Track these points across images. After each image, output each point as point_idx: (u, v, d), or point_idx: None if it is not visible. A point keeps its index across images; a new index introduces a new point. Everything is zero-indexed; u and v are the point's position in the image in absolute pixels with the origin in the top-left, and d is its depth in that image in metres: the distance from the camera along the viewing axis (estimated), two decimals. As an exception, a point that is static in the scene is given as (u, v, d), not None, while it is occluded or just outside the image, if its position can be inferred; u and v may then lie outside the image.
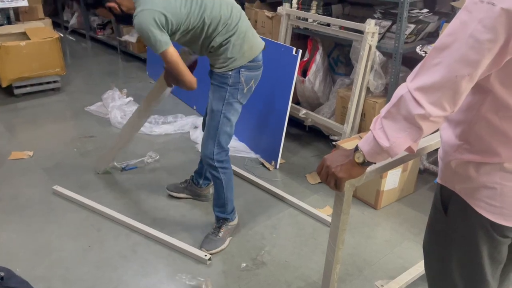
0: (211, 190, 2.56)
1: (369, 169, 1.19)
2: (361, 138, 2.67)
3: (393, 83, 2.70)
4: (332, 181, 1.12)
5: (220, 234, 2.22)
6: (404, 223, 2.41)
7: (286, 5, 3.12)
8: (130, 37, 5.24)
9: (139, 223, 2.35)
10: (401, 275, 1.86)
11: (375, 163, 1.09)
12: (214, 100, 2.04)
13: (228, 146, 2.14)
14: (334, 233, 1.28)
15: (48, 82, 4.28)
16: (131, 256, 2.15)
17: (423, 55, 2.48)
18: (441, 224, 1.17)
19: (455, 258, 1.16)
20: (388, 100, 2.76)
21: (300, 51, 2.74)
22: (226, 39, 1.94)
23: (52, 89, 4.32)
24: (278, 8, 3.16)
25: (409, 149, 1.04)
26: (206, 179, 2.55)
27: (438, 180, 1.18)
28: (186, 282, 1.98)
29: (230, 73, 1.97)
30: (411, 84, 0.95)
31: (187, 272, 2.05)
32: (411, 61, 2.89)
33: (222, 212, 2.23)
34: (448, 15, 2.93)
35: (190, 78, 1.96)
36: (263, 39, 3.04)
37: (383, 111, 1.02)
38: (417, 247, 2.22)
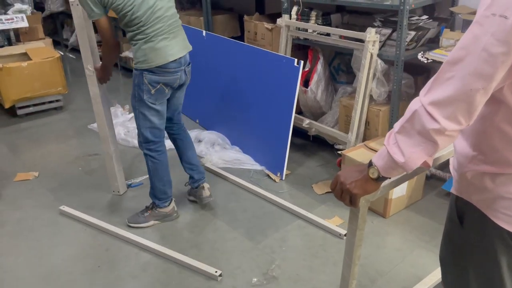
0: (203, 192, 2.59)
1: (383, 183, 1.18)
2: (366, 146, 2.69)
3: (395, 90, 2.70)
4: (347, 197, 1.11)
5: (146, 214, 2.48)
6: (413, 231, 2.39)
7: (285, 17, 3.13)
8: (130, 53, 5.26)
9: (148, 241, 2.34)
10: (416, 286, 1.84)
11: (389, 178, 1.08)
12: (131, 95, 2.27)
13: (157, 137, 2.32)
14: (350, 249, 1.27)
15: (50, 102, 4.29)
16: (142, 276, 2.14)
17: (425, 61, 2.49)
18: (457, 236, 1.16)
19: (472, 270, 1.15)
20: (392, 108, 2.76)
21: (302, 62, 2.74)
22: (136, 40, 2.13)
23: (55, 108, 4.33)
24: (278, 19, 3.17)
25: (424, 163, 1.03)
26: (190, 178, 2.61)
27: (453, 191, 1.17)
28: (198, 300, 1.97)
29: (137, 72, 2.17)
30: (425, 98, 0.95)
31: (198, 289, 2.04)
32: (412, 67, 2.89)
33: (153, 195, 2.47)
34: (447, 20, 2.94)
35: (112, 41, 2.19)
36: (258, 50, 3.08)
37: (397, 126, 1.01)
38: (428, 255, 2.20)
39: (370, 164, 1.07)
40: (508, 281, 1.11)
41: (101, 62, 2.46)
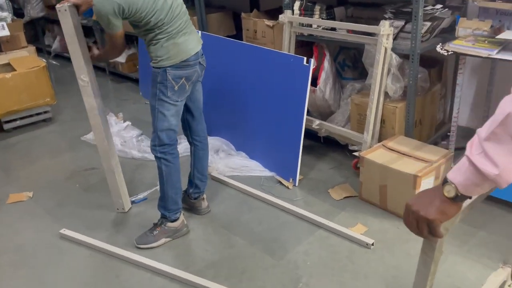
0: (203, 203, 2.53)
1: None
2: (385, 147, 2.53)
3: (412, 85, 2.56)
4: (424, 227, 0.95)
5: (155, 232, 2.31)
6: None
7: (287, 12, 2.96)
8: (119, 58, 5.03)
9: (160, 264, 2.16)
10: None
11: (470, 198, 0.92)
12: (150, 96, 2.19)
13: (172, 140, 2.23)
14: (422, 282, 1.11)
15: (38, 114, 4.05)
16: (158, 304, 1.96)
17: (445, 54, 2.34)
18: None
19: None
20: (408, 104, 2.61)
21: (312, 60, 2.57)
22: (157, 39, 2.07)
23: (44, 120, 4.09)
24: (280, 16, 2.99)
25: None
26: (196, 188, 2.49)
27: None
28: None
29: (159, 70, 2.11)
30: None
31: (222, 316, 1.87)
32: (424, 60, 2.74)
33: (163, 207, 2.32)
34: (460, 8, 2.80)
35: (123, 48, 2.18)
36: (263, 50, 2.90)
37: (483, 132, 0.85)
38: (463, 261, 2.07)
39: (445, 181, 0.91)
40: None
41: (98, 52, 2.37)
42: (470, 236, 2.22)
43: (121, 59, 4.99)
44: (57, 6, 2.15)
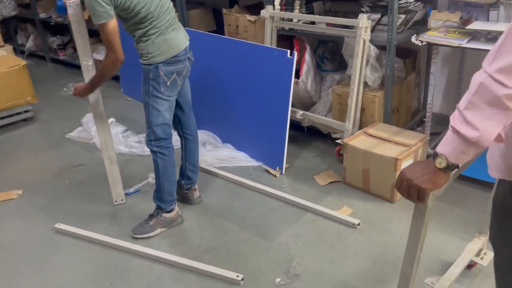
0: (195, 194, 2.62)
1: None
2: (366, 133, 2.68)
3: (389, 75, 2.71)
4: (415, 193, 1.08)
5: (151, 223, 2.38)
6: (423, 213, 2.41)
7: (269, 8, 3.06)
8: (97, 55, 5.02)
9: (158, 252, 2.24)
10: (450, 268, 1.85)
11: (458, 167, 1.05)
12: (142, 93, 2.23)
13: (167, 134, 2.29)
14: (413, 246, 1.24)
15: (19, 113, 4.03)
16: (160, 289, 2.05)
17: (420, 44, 2.50)
18: None
19: None
20: (386, 92, 2.76)
21: (295, 53, 2.69)
22: (148, 35, 2.10)
23: (25, 120, 4.07)
24: (262, 11, 3.10)
25: (498, 137, 0.98)
26: (188, 179, 2.57)
27: (505, 177, 1.15)
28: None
29: (150, 67, 2.14)
30: (490, 68, 0.93)
31: (222, 296, 1.97)
32: (399, 51, 2.90)
33: (158, 199, 2.38)
34: (431, 1, 2.97)
35: (120, 49, 2.06)
36: (247, 44, 3.00)
37: (462, 104, 0.98)
38: (443, 235, 2.23)
39: (435, 154, 1.04)
40: None
41: (93, 75, 2.29)
42: (448, 213, 2.39)
43: (100, 56, 4.99)
44: (67, 1, 2.18)
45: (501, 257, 1.28)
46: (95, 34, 5.05)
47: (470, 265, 1.99)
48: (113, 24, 2.00)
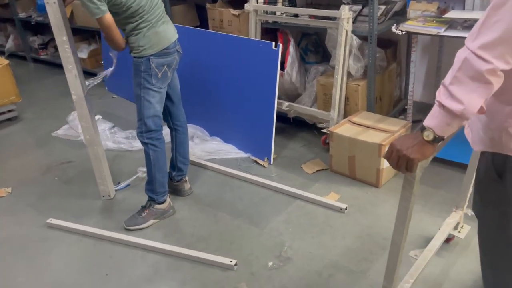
0: (186, 185, 2.67)
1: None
2: (351, 122, 2.76)
3: (371, 64, 2.79)
4: (403, 164, 1.15)
5: (143, 214, 2.42)
6: (407, 196, 2.50)
7: (252, 1, 3.12)
8: (80, 53, 5.00)
9: (152, 241, 2.28)
10: (431, 242, 1.94)
11: (443, 139, 1.12)
12: (134, 85, 2.27)
13: (158, 126, 2.33)
14: (403, 214, 1.31)
15: (2, 113, 4.00)
16: (155, 277, 2.08)
17: (400, 33, 2.58)
18: (498, 191, 1.23)
19: None
20: (369, 81, 2.84)
21: (280, 44, 2.75)
22: (139, 29, 2.15)
23: (9, 119, 4.04)
24: (245, 5, 3.15)
25: (481, 109, 1.06)
26: (179, 171, 2.61)
27: (487, 149, 1.23)
28: (220, 292, 1.95)
29: (141, 60, 2.19)
30: (473, 44, 1.00)
31: (216, 281, 2.02)
32: (380, 41, 2.98)
33: (150, 190, 2.43)
34: (409, -8, 3.06)
35: (120, 42, 2.17)
36: (232, 37, 3.05)
37: (447, 79, 1.06)
38: (427, 217, 2.32)
39: (423, 128, 1.11)
40: None
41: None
42: (432, 196, 2.49)
43: (83, 54, 4.97)
44: None
45: (483, 226, 1.36)
46: (77, 32, 5.03)
47: (449, 239, 2.09)
48: (107, 18, 2.06)
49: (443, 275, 1.96)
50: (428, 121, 1.10)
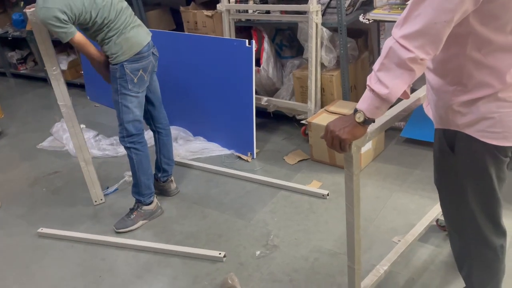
0: (172, 185, 2.73)
1: (370, 129, 1.30)
2: (327, 111, 2.85)
3: (343, 54, 2.88)
4: (337, 143, 1.24)
5: (132, 216, 2.48)
6: (386, 178, 2.60)
7: (224, 1, 3.19)
8: (60, 65, 5.01)
9: (142, 241, 2.34)
10: (415, 227, 2.00)
11: (374, 122, 1.22)
12: (112, 92, 2.33)
13: (139, 130, 2.38)
14: (350, 194, 1.39)
15: (-15, 129, 4.02)
16: (147, 275, 2.15)
17: (367, 22, 2.67)
18: (451, 163, 1.32)
19: (470, 188, 1.32)
20: (342, 71, 2.93)
21: (254, 41, 2.83)
22: (109, 37, 2.20)
23: (-8, 135, 4.06)
24: (218, 5, 3.21)
25: (404, 94, 1.17)
26: (164, 172, 2.68)
27: (438, 126, 1.33)
28: (207, 283, 2.03)
29: (116, 66, 2.24)
30: (397, 34, 1.10)
31: (207, 273, 2.10)
32: (351, 31, 3.08)
33: (137, 193, 2.49)
34: (375, -18, 3.15)
35: (97, 55, 2.26)
36: (207, 38, 3.12)
37: (376, 66, 1.15)
38: (405, 196, 2.42)
39: (355, 110, 1.20)
40: (498, 189, 1.31)
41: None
42: (408, 175, 2.59)
43: (63, 66, 4.99)
44: (26, 10, 2.25)
45: (445, 198, 1.46)
46: (58, 43, 5.05)
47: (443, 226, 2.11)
48: (78, 38, 2.15)
49: (430, 259, 1.99)
50: (360, 104, 1.20)
